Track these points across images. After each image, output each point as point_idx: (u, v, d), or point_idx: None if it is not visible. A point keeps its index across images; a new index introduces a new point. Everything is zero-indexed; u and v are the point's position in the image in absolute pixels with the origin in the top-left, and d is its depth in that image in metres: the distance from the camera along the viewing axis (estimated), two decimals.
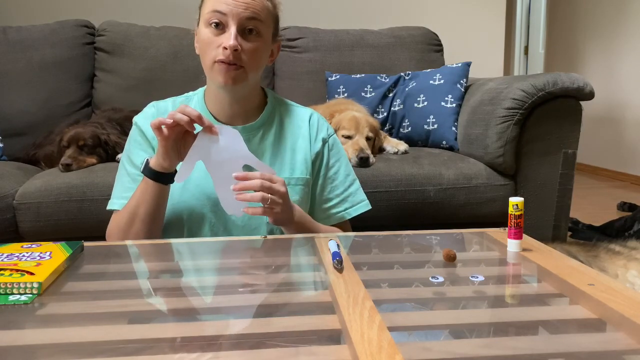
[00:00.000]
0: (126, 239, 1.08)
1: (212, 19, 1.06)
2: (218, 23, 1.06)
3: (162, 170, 1.03)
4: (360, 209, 1.24)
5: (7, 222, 1.58)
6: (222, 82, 1.08)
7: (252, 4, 1.06)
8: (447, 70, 2.10)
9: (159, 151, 1.01)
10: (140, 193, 1.06)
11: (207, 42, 1.07)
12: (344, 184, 1.23)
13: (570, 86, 1.68)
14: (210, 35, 1.07)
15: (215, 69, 1.08)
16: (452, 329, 0.62)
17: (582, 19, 4.83)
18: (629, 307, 0.65)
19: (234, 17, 1.05)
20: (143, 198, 1.05)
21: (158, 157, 1.02)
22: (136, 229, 1.07)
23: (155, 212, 1.06)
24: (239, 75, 1.08)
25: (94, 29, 2.36)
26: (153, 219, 1.07)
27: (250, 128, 1.16)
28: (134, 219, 1.07)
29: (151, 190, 1.05)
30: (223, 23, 1.06)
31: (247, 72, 1.09)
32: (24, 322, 0.65)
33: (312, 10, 3.24)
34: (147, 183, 1.04)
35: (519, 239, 0.89)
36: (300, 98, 1.40)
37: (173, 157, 1.01)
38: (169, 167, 1.03)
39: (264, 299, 0.71)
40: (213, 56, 1.07)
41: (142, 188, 1.05)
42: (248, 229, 1.14)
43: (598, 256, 1.52)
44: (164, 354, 0.56)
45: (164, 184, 1.05)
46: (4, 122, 2.08)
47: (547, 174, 1.75)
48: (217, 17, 1.05)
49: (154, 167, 1.03)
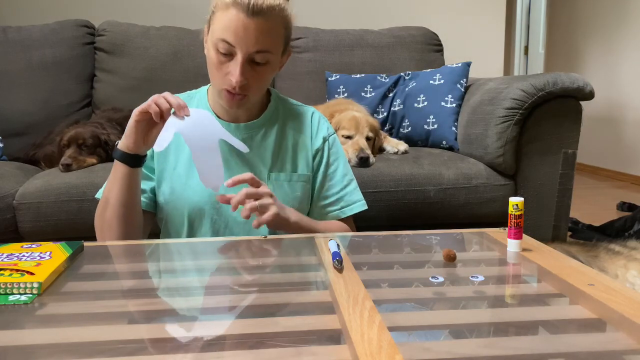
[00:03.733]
0: (102, 227, 1.09)
1: (219, 46, 1.03)
2: (226, 53, 1.04)
3: (128, 151, 1.04)
4: (356, 208, 1.24)
5: (7, 222, 1.58)
6: (226, 106, 1.12)
7: (261, 38, 1.02)
8: (447, 70, 2.10)
9: (127, 129, 1.02)
10: (112, 177, 1.07)
11: (215, 67, 1.07)
12: (341, 183, 1.23)
13: (570, 86, 1.68)
14: (217, 60, 1.05)
15: (221, 94, 1.09)
16: (452, 329, 0.62)
17: (582, 19, 4.83)
18: (629, 307, 0.65)
19: (242, 49, 1.02)
20: (114, 182, 1.06)
21: (124, 137, 1.04)
22: (109, 214, 1.07)
23: (125, 196, 1.07)
24: (244, 102, 1.10)
25: (94, 29, 2.36)
26: (124, 204, 1.07)
27: (253, 126, 1.17)
28: (106, 205, 1.08)
29: (120, 173, 1.05)
30: (231, 52, 1.03)
31: (251, 98, 1.11)
32: (24, 322, 0.65)
33: (312, 10, 3.24)
34: (116, 165, 1.06)
35: (519, 239, 0.89)
36: (300, 98, 1.40)
37: (139, 139, 1.02)
38: (134, 149, 1.03)
39: (264, 299, 0.71)
40: (220, 82, 1.07)
41: (113, 171, 1.07)
42: (249, 226, 1.14)
43: (598, 256, 1.52)
44: (164, 354, 0.56)
45: (130, 167, 1.05)
46: (4, 122, 2.09)
47: (547, 174, 1.75)
48: (224, 46, 1.03)
49: (122, 148, 1.04)
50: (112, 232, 1.08)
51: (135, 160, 1.05)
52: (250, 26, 1.00)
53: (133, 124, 1.01)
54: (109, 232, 1.08)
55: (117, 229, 1.08)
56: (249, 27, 1.00)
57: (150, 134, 1.02)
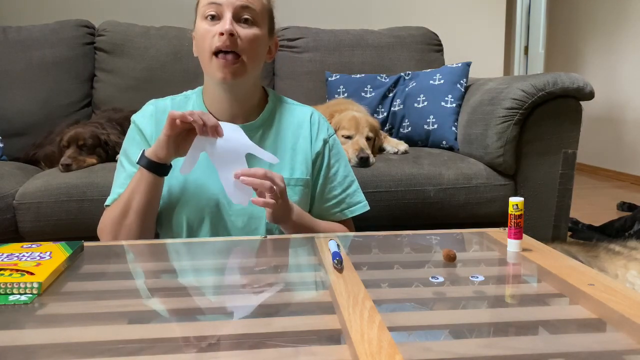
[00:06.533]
0: (119, 232, 1.08)
1: (208, 11, 1.08)
2: (214, 15, 1.08)
3: (157, 161, 1.04)
4: (357, 210, 1.24)
5: (7, 222, 1.58)
6: (221, 77, 1.08)
7: None
8: (447, 70, 2.10)
9: (160, 141, 1.02)
10: (135, 184, 1.07)
11: (204, 34, 1.08)
12: (342, 185, 1.23)
13: (570, 86, 1.68)
14: (206, 27, 1.08)
15: (213, 63, 1.08)
16: (452, 329, 0.62)
17: (582, 19, 4.83)
18: (629, 307, 0.65)
19: (229, 6, 1.07)
20: (137, 189, 1.06)
21: (156, 147, 1.03)
22: (129, 221, 1.07)
23: (149, 204, 1.07)
24: (238, 69, 1.08)
25: (94, 29, 2.36)
26: (146, 211, 1.07)
27: (250, 127, 1.16)
28: (127, 211, 1.07)
29: (146, 181, 1.05)
30: (219, 14, 1.08)
31: (246, 64, 1.09)
32: (24, 322, 0.65)
33: (312, 10, 3.24)
34: (142, 173, 1.05)
35: (519, 239, 0.89)
36: (300, 98, 1.39)
37: (171, 149, 1.02)
38: (164, 158, 1.04)
39: (264, 299, 0.71)
40: (210, 46, 1.07)
41: (137, 179, 1.06)
42: (248, 229, 1.14)
43: (598, 256, 1.52)
44: (164, 354, 0.56)
45: (158, 175, 1.06)
46: (4, 122, 2.08)
47: (547, 174, 1.75)
48: (212, 8, 1.07)
49: (150, 156, 1.04)
50: (130, 238, 1.08)
51: (163, 169, 1.06)
52: None
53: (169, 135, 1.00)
54: (127, 238, 1.08)
55: (135, 235, 1.08)
56: None
57: (183, 144, 1.03)
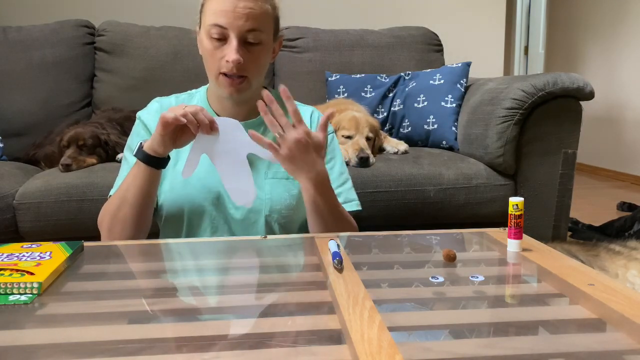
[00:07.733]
0: (114, 224, 1.08)
1: (212, 31, 1.06)
2: (219, 38, 1.07)
3: (155, 155, 1.04)
4: (352, 206, 1.24)
5: (7, 222, 1.58)
6: (227, 94, 1.11)
7: (251, 13, 1.06)
8: (447, 70, 2.10)
9: (156, 137, 1.02)
10: (131, 177, 1.07)
11: (210, 54, 1.08)
12: (338, 180, 1.24)
13: (570, 86, 1.68)
14: (211, 47, 1.08)
15: (220, 81, 1.10)
16: (452, 329, 0.62)
17: (582, 19, 4.83)
18: (629, 307, 0.65)
19: (234, 30, 1.05)
20: (134, 182, 1.06)
21: (153, 142, 1.03)
22: (124, 213, 1.07)
23: (144, 197, 1.07)
24: (244, 87, 1.11)
25: (94, 29, 2.36)
26: (141, 204, 1.07)
27: (252, 124, 1.17)
28: (123, 203, 1.07)
29: (142, 174, 1.05)
30: (224, 35, 1.06)
31: (251, 81, 1.11)
32: (24, 322, 0.65)
33: (312, 10, 3.23)
34: (139, 166, 1.05)
35: (519, 239, 0.89)
36: (300, 98, 1.39)
37: (168, 144, 1.03)
38: (162, 153, 1.04)
39: (264, 299, 0.71)
40: (217, 68, 1.08)
41: (134, 172, 1.06)
42: (247, 222, 1.15)
43: (598, 256, 1.52)
44: (164, 354, 0.56)
45: (155, 169, 1.06)
46: (4, 122, 2.09)
47: (547, 174, 1.75)
48: (217, 30, 1.06)
49: (147, 150, 1.04)
50: (125, 231, 1.08)
51: (160, 163, 1.06)
52: (240, 5, 1.05)
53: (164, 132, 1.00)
54: (122, 231, 1.08)
55: (130, 228, 1.08)
56: (239, 7, 1.05)
57: (180, 137, 1.03)
